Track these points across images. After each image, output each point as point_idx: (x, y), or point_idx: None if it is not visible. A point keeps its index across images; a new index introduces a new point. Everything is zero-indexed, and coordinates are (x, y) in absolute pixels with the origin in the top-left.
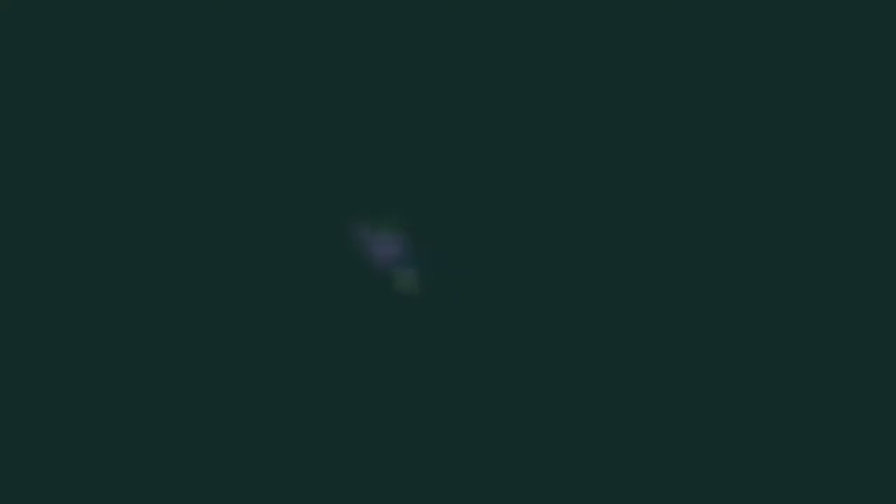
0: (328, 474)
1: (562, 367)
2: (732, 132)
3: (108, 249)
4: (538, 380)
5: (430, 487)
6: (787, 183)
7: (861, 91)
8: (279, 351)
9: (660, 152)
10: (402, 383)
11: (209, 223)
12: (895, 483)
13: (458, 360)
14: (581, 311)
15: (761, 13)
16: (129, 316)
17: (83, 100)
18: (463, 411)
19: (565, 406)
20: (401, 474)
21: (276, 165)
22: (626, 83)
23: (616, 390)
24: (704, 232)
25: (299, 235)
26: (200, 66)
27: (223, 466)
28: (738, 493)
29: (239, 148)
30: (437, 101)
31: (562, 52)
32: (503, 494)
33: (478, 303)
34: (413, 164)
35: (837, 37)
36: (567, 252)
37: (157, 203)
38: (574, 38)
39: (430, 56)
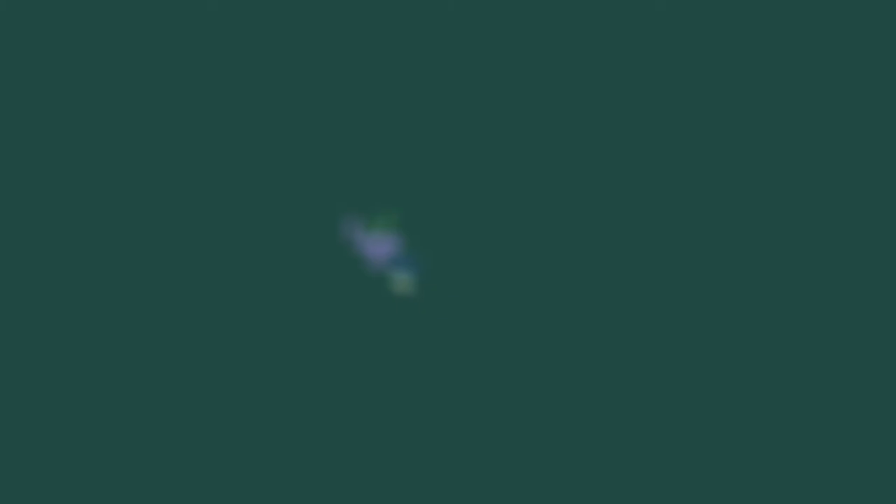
0: (323, 472)
1: (559, 365)
2: (731, 133)
3: (102, 248)
4: (534, 379)
5: (425, 485)
6: (787, 183)
7: (861, 91)
8: (274, 350)
9: (656, 154)
10: (398, 383)
11: (204, 226)
12: (893, 482)
13: (454, 360)
14: (577, 311)
15: (762, 13)
16: (123, 315)
17: (81, 100)
18: (458, 411)
19: (561, 405)
20: (396, 472)
21: (273, 168)
22: (623, 84)
23: (609, 393)
24: (699, 232)
25: (296, 237)
26: (196, 66)
27: (217, 465)
28: (737, 493)
29: (235, 151)
30: (434, 103)
31: (558, 54)
32: (497, 493)
33: (474, 304)
34: (409, 166)
35: (837, 37)
36: (562, 254)
37: (151, 202)
38: (572, 39)
39: (426, 58)
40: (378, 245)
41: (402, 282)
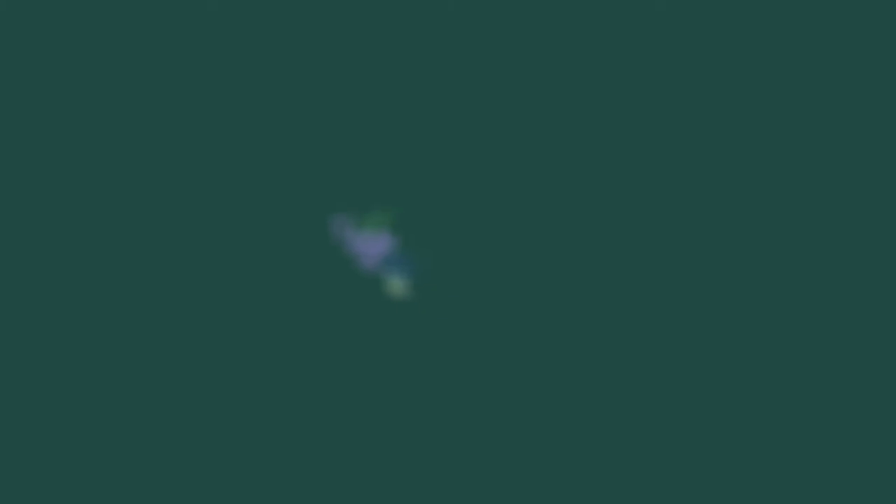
0: (316, 474)
1: (556, 368)
2: (729, 133)
3: (97, 246)
4: (531, 382)
5: (419, 489)
6: (786, 183)
7: (861, 91)
8: (264, 351)
9: (654, 154)
10: (392, 387)
11: (195, 224)
12: (893, 483)
13: (450, 363)
14: (574, 311)
15: (762, 14)
16: (116, 316)
17: (78, 99)
18: (454, 413)
19: (558, 408)
20: (391, 475)
21: (267, 166)
22: (622, 85)
23: (607, 395)
24: (697, 234)
25: (288, 236)
26: (191, 65)
27: (208, 465)
28: (737, 493)
29: (227, 149)
30: (429, 102)
31: (556, 53)
32: (495, 495)
33: (471, 305)
34: (405, 165)
35: (837, 37)
36: (559, 253)
37: (143, 201)
38: (570, 39)
39: (421, 56)
40: (371, 245)
41: (397, 284)
